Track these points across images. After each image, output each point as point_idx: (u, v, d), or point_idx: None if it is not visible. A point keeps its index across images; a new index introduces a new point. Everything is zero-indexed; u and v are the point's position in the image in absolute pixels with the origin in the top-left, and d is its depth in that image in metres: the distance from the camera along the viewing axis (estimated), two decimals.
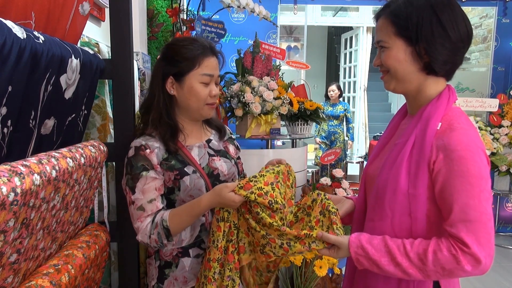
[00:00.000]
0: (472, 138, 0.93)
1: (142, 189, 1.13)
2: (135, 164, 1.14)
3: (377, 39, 1.03)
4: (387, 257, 0.94)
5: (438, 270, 0.91)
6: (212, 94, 1.20)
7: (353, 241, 0.99)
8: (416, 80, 1.01)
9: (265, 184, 1.09)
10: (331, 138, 5.37)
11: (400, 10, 0.98)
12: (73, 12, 1.13)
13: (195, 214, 1.12)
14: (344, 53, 7.74)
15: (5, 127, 0.84)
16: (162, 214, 1.13)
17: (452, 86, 1.04)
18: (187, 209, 1.13)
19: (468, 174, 0.89)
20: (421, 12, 0.95)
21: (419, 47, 0.96)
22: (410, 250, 0.93)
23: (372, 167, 1.13)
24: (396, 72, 1.00)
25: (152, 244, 1.13)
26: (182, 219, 1.12)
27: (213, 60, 1.20)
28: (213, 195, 1.10)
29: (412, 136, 0.99)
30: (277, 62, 3.26)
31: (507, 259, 3.58)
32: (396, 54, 0.99)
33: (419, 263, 0.92)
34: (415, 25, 0.95)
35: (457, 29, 0.95)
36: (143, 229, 1.12)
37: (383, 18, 1.02)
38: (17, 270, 0.83)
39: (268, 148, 2.60)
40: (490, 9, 4.56)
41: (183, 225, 1.13)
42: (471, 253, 0.88)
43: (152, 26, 2.64)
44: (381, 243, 0.96)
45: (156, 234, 1.11)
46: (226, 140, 1.36)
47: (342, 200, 1.23)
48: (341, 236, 1.02)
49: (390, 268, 0.94)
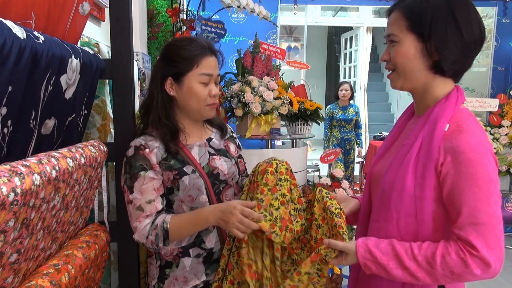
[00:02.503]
0: (481, 140, 0.91)
1: (140, 189, 1.13)
2: (134, 163, 1.14)
3: (387, 33, 1.02)
4: (394, 261, 0.93)
5: (446, 274, 0.89)
6: (212, 94, 1.19)
7: (360, 245, 0.97)
8: (423, 79, 1.00)
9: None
10: (346, 147, 4.76)
11: (415, 5, 0.97)
12: (73, 12, 1.13)
13: (201, 227, 1.15)
14: (344, 53, 7.74)
15: (5, 127, 0.84)
16: (164, 217, 1.13)
17: (460, 87, 1.02)
18: (194, 221, 1.12)
19: (477, 177, 0.88)
20: (437, 9, 0.94)
21: (430, 44, 0.95)
22: (418, 253, 0.91)
23: (377, 167, 1.11)
24: (404, 68, 0.99)
25: (147, 245, 1.13)
26: (187, 228, 1.13)
27: (212, 60, 1.20)
28: (220, 214, 1.08)
29: (419, 137, 0.98)
30: (277, 62, 3.26)
31: (507, 259, 3.58)
32: (406, 49, 0.98)
33: (427, 266, 0.90)
34: (429, 20, 0.94)
35: (471, 29, 0.94)
36: (141, 229, 1.12)
37: (397, 12, 1.00)
38: (17, 270, 0.83)
39: (268, 148, 2.60)
40: (490, 9, 4.57)
41: (185, 233, 1.15)
42: (480, 256, 0.87)
43: (152, 26, 2.64)
44: (388, 247, 0.94)
45: (154, 235, 1.11)
46: (227, 139, 1.35)
47: (348, 199, 1.21)
48: (348, 242, 1.00)
49: (398, 272, 0.93)
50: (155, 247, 1.13)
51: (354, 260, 0.99)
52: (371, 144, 4.81)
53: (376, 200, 1.06)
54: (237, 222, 1.04)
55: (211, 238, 1.21)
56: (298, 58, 8.67)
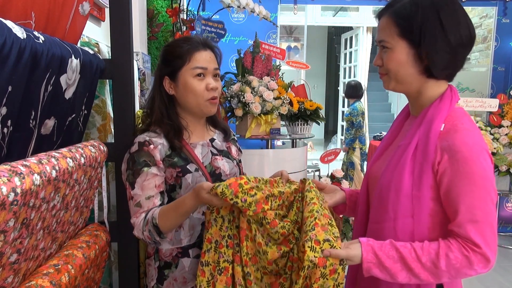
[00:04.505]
0: (476, 139, 0.93)
1: (141, 185, 1.13)
2: (138, 159, 1.14)
3: (379, 38, 1.02)
4: (399, 264, 0.93)
5: (450, 271, 0.91)
6: (209, 88, 1.19)
7: (366, 249, 0.94)
8: (416, 82, 1.00)
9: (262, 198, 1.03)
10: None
11: (405, 11, 0.96)
12: (73, 12, 1.13)
13: (182, 212, 1.08)
14: (344, 53, 7.74)
15: (5, 127, 0.84)
16: (153, 211, 1.12)
17: (454, 87, 1.03)
18: (174, 207, 1.09)
19: (473, 175, 0.90)
20: (426, 14, 0.94)
21: (421, 50, 0.95)
22: (422, 254, 0.92)
23: (374, 167, 1.12)
24: (397, 74, 1.00)
25: (147, 241, 1.13)
26: (170, 216, 1.09)
27: (206, 54, 1.20)
28: (194, 195, 1.05)
29: (415, 137, 0.99)
30: (277, 62, 3.26)
31: (507, 259, 3.58)
32: (398, 55, 0.98)
33: (431, 266, 0.91)
34: (419, 27, 0.94)
35: (458, 33, 0.94)
36: (138, 225, 1.13)
37: (387, 18, 1.00)
38: (17, 270, 0.83)
39: (268, 148, 2.60)
40: (490, 9, 4.57)
41: (171, 222, 1.09)
42: (482, 252, 0.89)
43: (152, 26, 2.64)
44: (392, 250, 0.94)
45: (147, 231, 1.10)
46: (230, 141, 1.36)
47: (335, 191, 1.22)
48: (351, 248, 0.95)
49: (402, 274, 0.93)
50: (154, 241, 1.12)
51: (357, 263, 0.96)
52: (371, 144, 4.80)
53: (374, 201, 1.07)
54: (206, 194, 1.01)
55: None
56: (298, 58, 8.67)
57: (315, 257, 0.93)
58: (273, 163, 2.52)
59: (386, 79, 1.04)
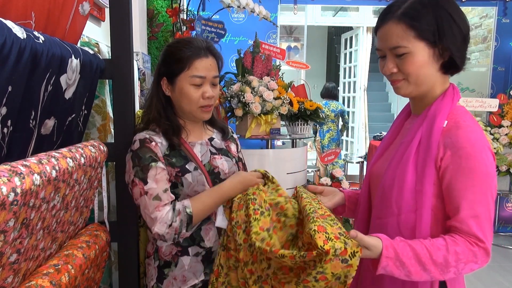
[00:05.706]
0: (479, 136, 0.95)
1: (155, 178, 1.12)
2: (143, 155, 1.14)
3: (392, 45, 0.98)
4: (414, 259, 0.92)
5: (458, 267, 0.92)
6: (205, 96, 1.18)
7: (386, 244, 0.92)
8: (433, 81, 1.01)
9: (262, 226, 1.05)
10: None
11: (416, 13, 0.95)
12: (73, 12, 1.13)
13: (218, 197, 1.16)
14: (344, 53, 7.73)
15: (5, 127, 0.84)
16: (182, 202, 1.13)
17: (455, 85, 1.05)
18: (210, 193, 1.16)
19: (476, 171, 0.92)
20: (438, 12, 0.95)
21: (440, 47, 0.96)
22: (432, 251, 0.92)
23: (376, 166, 1.13)
24: (418, 76, 0.99)
25: (169, 235, 1.10)
26: (208, 209, 1.15)
27: (207, 61, 1.18)
28: (240, 186, 1.17)
29: (417, 134, 1.00)
30: (277, 62, 3.26)
31: (507, 259, 3.58)
32: (419, 58, 0.97)
33: (442, 263, 0.91)
34: (435, 25, 0.95)
35: (464, 22, 0.98)
36: (162, 217, 1.09)
37: (395, 23, 0.97)
38: (17, 270, 0.83)
39: (268, 148, 2.60)
40: (490, 9, 4.57)
41: (206, 209, 1.15)
42: (485, 247, 0.91)
43: (152, 26, 2.64)
44: (405, 246, 0.92)
45: (178, 222, 1.09)
46: (228, 139, 1.36)
47: (335, 192, 1.24)
48: (373, 238, 0.93)
49: (416, 270, 0.91)
50: (176, 236, 1.11)
51: (373, 256, 0.93)
52: (371, 144, 4.80)
53: (376, 199, 1.08)
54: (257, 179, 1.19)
55: (211, 237, 1.21)
56: (298, 58, 8.67)
57: (338, 246, 0.88)
58: (273, 163, 2.52)
59: (404, 85, 1.01)
